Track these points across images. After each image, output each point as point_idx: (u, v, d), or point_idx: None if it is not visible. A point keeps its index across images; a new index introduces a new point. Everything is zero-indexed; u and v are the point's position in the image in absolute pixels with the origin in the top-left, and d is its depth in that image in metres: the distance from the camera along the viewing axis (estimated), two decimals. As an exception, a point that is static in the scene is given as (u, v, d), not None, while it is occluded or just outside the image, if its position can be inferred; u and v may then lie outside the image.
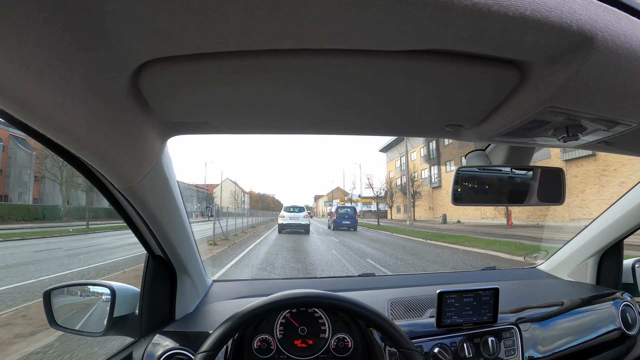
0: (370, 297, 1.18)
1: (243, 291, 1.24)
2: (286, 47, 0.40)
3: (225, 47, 0.40)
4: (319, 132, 0.74)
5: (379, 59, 0.45)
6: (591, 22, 0.36)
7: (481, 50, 0.41)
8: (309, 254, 9.66)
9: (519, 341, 0.99)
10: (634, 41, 0.39)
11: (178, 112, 0.60)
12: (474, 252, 10.06)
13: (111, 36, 0.36)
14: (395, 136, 1.01)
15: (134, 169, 0.63)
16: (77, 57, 0.37)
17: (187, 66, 0.44)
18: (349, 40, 0.39)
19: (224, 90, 0.52)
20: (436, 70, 0.48)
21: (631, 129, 0.62)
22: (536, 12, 0.34)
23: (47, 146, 0.53)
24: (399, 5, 0.32)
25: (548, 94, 0.49)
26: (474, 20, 0.34)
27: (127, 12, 0.33)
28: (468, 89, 0.54)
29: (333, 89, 0.53)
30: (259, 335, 0.97)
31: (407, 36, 0.38)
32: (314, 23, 0.35)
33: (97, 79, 0.42)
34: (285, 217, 16.52)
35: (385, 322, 0.78)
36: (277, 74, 0.48)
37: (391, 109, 0.62)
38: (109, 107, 0.47)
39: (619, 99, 0.51)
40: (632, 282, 1.40)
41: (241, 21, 0.35)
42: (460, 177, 0.92)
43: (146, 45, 0.39)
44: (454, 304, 0.96)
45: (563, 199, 0.94)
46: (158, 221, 0.81)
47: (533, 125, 0.62)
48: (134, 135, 0.57)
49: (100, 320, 0.97)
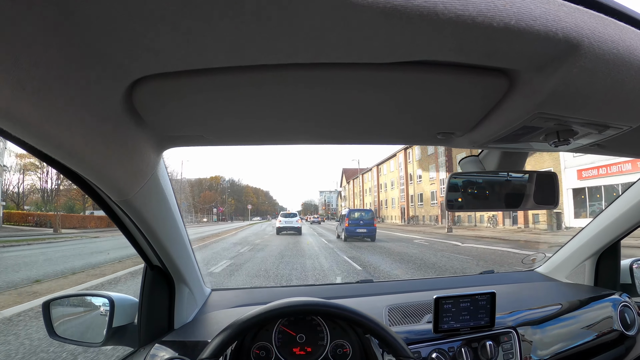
0: (368, 303, 1.18)
1: (242, 300, 1.24)
2: (276, 62, 0.41)
3: (216, 63, 0.41)
4: (311, 142, 0.75)
5: (368, 71, 0.45)
6: (577, 29, 0.36)
7: (469, 60, 0.42)
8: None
9: (517, 345, 0.99)
10: (621, 46, 0.39)
11: (172, 126, 0.61)
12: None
13: (104, 55, 0.37)
14: (388, 145, 1.02)
15: (130, 181, 0.63)
16: (72, 76, 0.38)
17: (179, 82, 0.45)
18: (337, 54, 0.39)
19: (216, 104, 0.53)
20: (425, 80, 0.48)
21: (623, 131, 0.62)
22: (521, 22, 0.34)
23: (44, 160, 0.54)
24: (385, 19, 0.32)
25: (537, 101, 0.50)
26: (460, 31, 0.35)
27: (119, 32, 0.34)
28: (458, 98, 0.54)
29: (324, 101, 0.54)
30: (258, 343, 0.98)
31: (394, 49, 0.38)
32: (302, 38, 0.36)
33: (92, 96, 0.43)
34: (282, 222, 19.59)
35: (382, 330, 0.78)
36: (267, 88, 0.49)
37: (382, 119, 0.62)
38: (104, 122, 0.48)
39: (609, 104, 0.51)
40: (630, 283, 1.41)
41: (230, 38, 0.35)
42: (454, 183, 0.92)
43: (139, 63, 0.40)
44: (451, 309, 0.96)
45: (557, 202, 0.95)
46: (155, 232, 0.81)
47: (524, 131, 0.63)
48: (130, 149, 0.58)
49: (100, 331, 0.98)
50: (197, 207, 63.55)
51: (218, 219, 70.23)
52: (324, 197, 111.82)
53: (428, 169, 31.84)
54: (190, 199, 48.23)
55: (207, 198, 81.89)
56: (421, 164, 33.33)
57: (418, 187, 33.83)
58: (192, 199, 54.17)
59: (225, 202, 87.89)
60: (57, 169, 0.58)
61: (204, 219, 62.91)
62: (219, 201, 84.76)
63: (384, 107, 0.57)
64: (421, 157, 32.95)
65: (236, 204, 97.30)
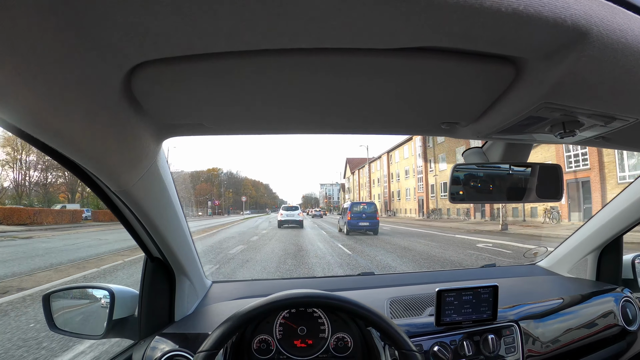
0: (370, 296, 1.18)
1: (242, 292, 1.24)
2: (277, 46, 0.40)
3: (216, 48, 0.40)
4: (314, 132, 0.73)
5: (372, 57, 0.44)
6: (586, 16, 0.35)
7: (475, 47, 0.41)
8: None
9: (519, 338, 0.99)
10: (629, 35, 0.39)
11: (172, 114, 0.60)
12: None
13: (102, 39, 0.36)
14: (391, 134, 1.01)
15: (129, 171, 0.63)
16: (69, 62, 0.37)
17: (179, 68, 0.44)
18: (340, 38, 0.38)
19: (217, 91, 0.52)
20: (430, 67, 0.47)
21: (629, 124, 0.62)
22: (529, 7, 0.33)
23: (42, 150, 0.53)
24: (390, 2, 0.31)
25: (544, 90, 0.49)
26: (467, 16, 0.34)
27: (117, 16, 0.33)
28: (463, 86, 0.54)
29: (327, 88, 0.53)
30: (259, 336, 0.97)
31: (399, 34, 0.37)
32: (304, 22, 0.35)
33: (90, 82, 0.42)
34: (284, 215, 19.96)
35: (385, 323, 0.77)
36: (269, 74, 0.48)
37: (385, 108, 0.61)
38: (103, 110, 0.47)
39: (616, 94, 0.50)
40: (632, 278, 1.40)
41: (231, 22, 0.34)
42: (458, 174, 0.91)
43: (137, 48, 0.39)
44: (453, 302, 0.96)
45: (561, 195, 0.94)
46: (155, 223, 0.81)
47: (529, 121, 0.62)
48: (129, 138, 0.57)
49: (100, 323, 0.98)
50: (190, 200, 61.27)
51: (213, 213, 67.75)
52: (324, 190, 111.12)
53: (455, 153, 26.85)
54: (184, 192, 46.51)
55: (203, 191, 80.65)
56: (445, 147, 28.61)
57: (442, 175, 28.20)
58: (186, 191, 52.41)
59: (222, 194, 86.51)
60: (55, 159, 0.57)
61: (199, 213, 60.86)
62: (215, 194, 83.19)
63: (387, 95, 0.56)
64: (445, 139, 25.94)
65: (234, 197, 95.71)
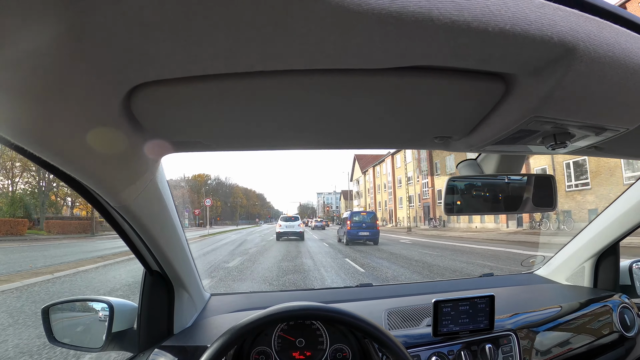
0: (367, 307, 1.18)
1: (241, 304, 1.24)
2: (272, 68, 0.41)
3: (213, 70, 0.41)
4: (310, 148, 0.75)
5: (365, 76, 0.46)
6: (572, 32, 0.36)
7: (464, 65, 0.42)
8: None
9: (517, 347, 0.99)
10: (616, 49, 0.39)
11: (171, 132, 0.61)
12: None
13: (102, 63, 0.37)
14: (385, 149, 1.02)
15: (129, 188, 0.64)
16: (70, 85, 0.38)
17: (177, 89, 0.46)
18: (333, 60, 0.39)
19: (214, 111, 0.54)
20: (422, 85, 0.49)
21: (620, 133, 0.62)
22: (516, 26, 0.34)
23: (43, 167, 0.54)
24: (380, 26, 0.32)
25: (533, 104, 0.50)
26: (455, 36, 0.35)
27: (116, 40, 0.34)
28: (454, 102, 0.55)
29: (321, 106, 0.54)
30: (257, 348, 0.97)
31: (389, 54, 0.38)
32: (297, 46, 0.36)
33: (90, 104, 0.43)
34: (283, 226, 18.17)
35: (381, 334, 0.78)
36: (265, 94, 0.49)
37: (379, 124, 0.63)
38: (103, 130, 0.48)
39: (605, 107, 0.51)
40: (630, 284, 1.41)
41: (226, 45, 0.36)
42: (453, 187, 0.93)
43: (137, 70, 0.40)
44: (450, 312, 0.96)
45: (555, 205, 0.95)
46: (154, 237, 0.82)
47: (521, 134, 0.63)
48: (128, 156, 0.58)
49: (99, 336, 0.97)
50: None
51: (193, 224, 57.65)
52: (322, 198, 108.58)
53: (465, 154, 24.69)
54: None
55: (186, 200, 72.18)
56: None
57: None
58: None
59: (202, 204, 72.81)
60: (56, 175, 0.58)
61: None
62: (195, 202, 73.91)
63: (381, 112, 0.57)
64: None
65: (223, 206, 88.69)
